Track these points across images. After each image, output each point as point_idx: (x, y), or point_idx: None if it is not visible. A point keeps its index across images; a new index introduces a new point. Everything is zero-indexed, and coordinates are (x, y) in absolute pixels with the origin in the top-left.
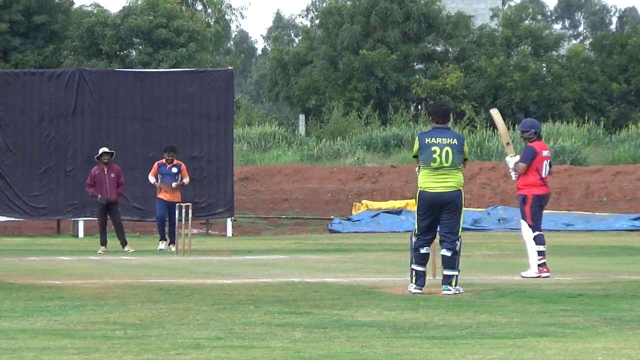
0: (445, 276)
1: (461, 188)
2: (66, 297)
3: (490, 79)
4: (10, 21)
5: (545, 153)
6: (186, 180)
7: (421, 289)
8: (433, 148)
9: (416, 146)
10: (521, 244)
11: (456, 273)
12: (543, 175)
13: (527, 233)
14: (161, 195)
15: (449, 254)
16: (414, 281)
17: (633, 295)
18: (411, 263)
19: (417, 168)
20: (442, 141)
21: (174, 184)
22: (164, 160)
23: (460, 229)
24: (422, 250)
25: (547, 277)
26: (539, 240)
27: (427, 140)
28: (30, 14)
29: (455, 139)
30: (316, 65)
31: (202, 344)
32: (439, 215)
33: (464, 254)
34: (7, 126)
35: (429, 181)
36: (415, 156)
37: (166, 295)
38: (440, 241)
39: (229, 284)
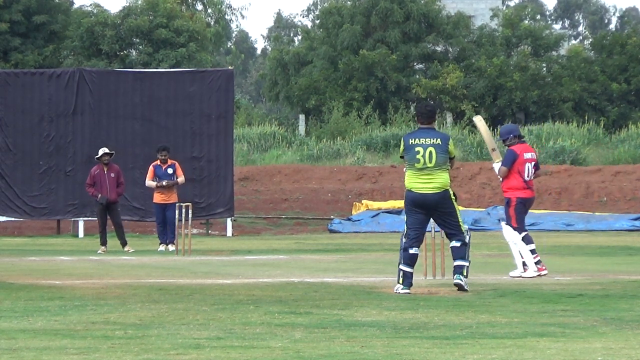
0: (456, 266)
1: (447, 188)
2: (66, 297)
3: (490, 79)
4: (10, 21)
5: (527, 155)
6: (181, 179)
7: (408, 289)
8: (417, 149)
9: (402, 147)
10: None
11: (467, 264)
12: (526, 178)
13: (514, 236)
14: (157, 199)
15: (458, 244)
16: (400, 281)
17: (633, 295)
18: (399, 263)
19: (404, 168)
20: (425, 142)
21: (164, 182)
22: (158, 162)
23: (462, 222)
24: (411, 251)
25: (546, 274)
26: (527, 239)
27: (411, 141)
28: (30, 14)
29: (439, 139)
30: (316, 65)
31: (202, 344)
32: (426, 215)
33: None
34: (7, 126)
35: (413, 181)
36: (402, 157)
37: (166, 295)
38: (448, 238)
39: (229, 284)
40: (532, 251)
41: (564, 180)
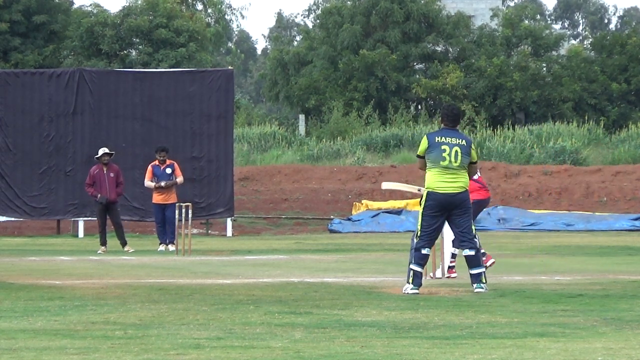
0: (473, 275)
1: (467, 188)
2: (66, 297)
3: (490, 79)
4: (10, 21)
5: None
6: (179, 179)
7: (417, 290)
8: (443, 147)
9: (424, 145)
10: (520, 243)
11: (483, 270)
12: (475, 178)
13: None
14: (156, 199)
15: (472, 252)
16: (410, 281)
17: (633, 295)
18: (410, 263)
19: (425, 167)
20: (451, 141)
21: (163, 183)
22: (157, 162)
23: (474, 227)
24: (424, 251)
25: (455, 277)
26: (455, 243)
27: (436, 139)
28: (30, 14)
29: (464, 141)
30: (316, 65)
31: (202, 344)
32: (445, 218)
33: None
34: (7, 126)
35: (438, 181)
36: (420, 156)
37: (166, 295)
38: (459, 244)
39: (229, 284)
40: (454, 255)
41: (564, 180)
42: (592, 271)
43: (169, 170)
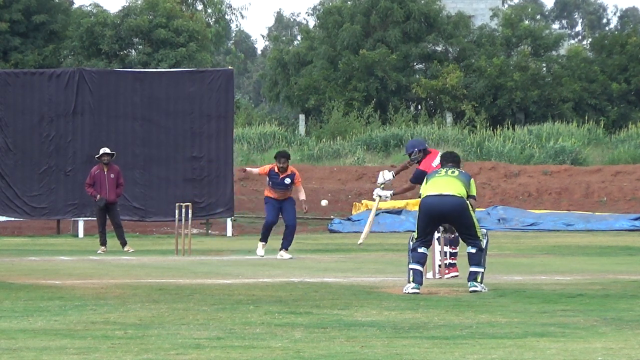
0: (470, 272)
1: (464, 197)
2: (66, 297)
3: (490, 79)
4: (10, 21)
5: (435, 164)
6: (301, 195)
7: (418, 289)
8: (440, 171)
9: (424, 182)
10: (520, 243)
11: (482, 270)
12: None
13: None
14: (271, 194)
15: (473, 250)
16: (411, 280)
17: (633, 295)
18: (409, 263)
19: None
20: (447, 170)
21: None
22: (276, 168)
23: (479, 228)
24: (420, 250)
25: (457, 276)
26: (446, 241)
27: (435, 170)
28: (30, 14)
29: (460, 170)
30: (316, 65)
31: (202, 344)
32: (439, 222)
33: (464, 254)
34: (7, 126)
35: (431, 188)
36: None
37: (166, 295)
38: (464, 242)
39: (229, 284)
40: (452, 254)
41: (564, 180)
42: (592, 271)
43: (288, 180)
